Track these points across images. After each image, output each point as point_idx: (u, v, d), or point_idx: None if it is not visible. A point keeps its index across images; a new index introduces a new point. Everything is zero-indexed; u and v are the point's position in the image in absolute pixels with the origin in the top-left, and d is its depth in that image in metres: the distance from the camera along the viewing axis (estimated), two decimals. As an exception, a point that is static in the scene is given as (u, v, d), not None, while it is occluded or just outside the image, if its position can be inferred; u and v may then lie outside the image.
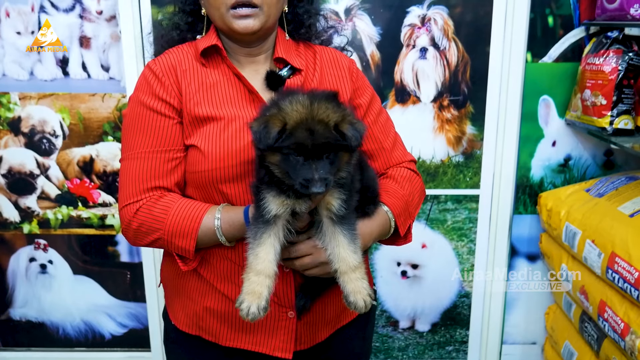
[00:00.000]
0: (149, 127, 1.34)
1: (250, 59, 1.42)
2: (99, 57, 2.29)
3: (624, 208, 1.91)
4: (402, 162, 1.53)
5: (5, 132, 2.36)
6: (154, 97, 1.34)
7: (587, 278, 2.00)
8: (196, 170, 1.33)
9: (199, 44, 1.39)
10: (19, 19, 2.22)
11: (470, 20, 2.20)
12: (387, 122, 1.54)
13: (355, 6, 2.19)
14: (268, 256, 1.18)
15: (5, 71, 2.29)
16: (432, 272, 2.47)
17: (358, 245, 1.23)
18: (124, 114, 1.40)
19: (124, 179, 1.36)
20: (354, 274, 1.20)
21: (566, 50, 2.23)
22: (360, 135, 1.14)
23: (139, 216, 1.32)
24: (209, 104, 1.35)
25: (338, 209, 1.20)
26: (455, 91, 2.28)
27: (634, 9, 1.90)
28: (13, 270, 2.52)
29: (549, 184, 2.37)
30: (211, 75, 1.38)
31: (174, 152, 1.35)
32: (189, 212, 1.31)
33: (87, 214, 2.44)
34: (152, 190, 1.34)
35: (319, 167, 1.11)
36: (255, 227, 1.20)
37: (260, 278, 1.17)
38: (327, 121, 1.11)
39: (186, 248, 1.31)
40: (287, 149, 1.11)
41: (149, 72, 1.37)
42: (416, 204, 1.50)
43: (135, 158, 1.34)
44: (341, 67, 1.48)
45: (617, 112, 2.02)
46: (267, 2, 1.33)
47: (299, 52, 1.46)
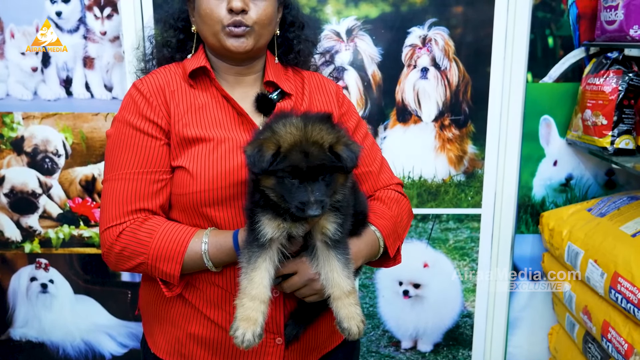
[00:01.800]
0: (135, 148, 1.31)
1: (239, 79, 1.42)
2: (102, 77, 2.30)
3: (626, 228, 1.91)
4: (389, 184, 1.53)
5: (8, 151, 2.37)
6: (141, 117, 1.32)
7: (590, 298, 1.99)
8: (183, 192, 1.31)
9: (187, 64, 1.39)
10: (23, 40, 2.25)
11: (471, 41, 2.22)
12: (373, 146, 1.54)
13: (356, 27, 2.21)
14: (263, 281, 1.16)
15: (9, 91, 2.30)
16: (434, 291, 2.46)
17: (351, 270, 1.22)
18: (108, 134, 1.37)
19: (107, 201, 1.32)
20: (347, 299, 1.19)
21: (566, 71, 2.24)
22: (355, 156, 1.13)
23: (122, 239, 1.28)
24: (198, 126, 1.33)
25: (333, 233, 1.19)
26: (457, 111, 2.29)
27: (633, 30, 1.92)
28: (14, 289, 2.51)
29: (550, 203, 2.36)
30: (200, 96, 1.37)
31: (160, 174, 1.32)
32: (174, 236, 1.27)
33: (89, 233, 2.44)
34: (136, 213, 1.30)
35: (314, 189, 1.09)
36: (249, 251, 1.17)
37: (255, 304, 1.14)
38: (322, 143, 1.10)
39: (171, 273, 1.27)
40: (281, 172, 1.10)
41: (135, 91, 1.35)
42: (404, 225, 1.50)
43: (120, 179, 1.31)
44: (329, 93, 1.49)
45: (618, 132, 2.02)
46: (259, 23, 1.34)
47: (288, 77, 1.46)
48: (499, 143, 2.30)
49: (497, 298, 2.43)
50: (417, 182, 2.35)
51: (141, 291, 1.52)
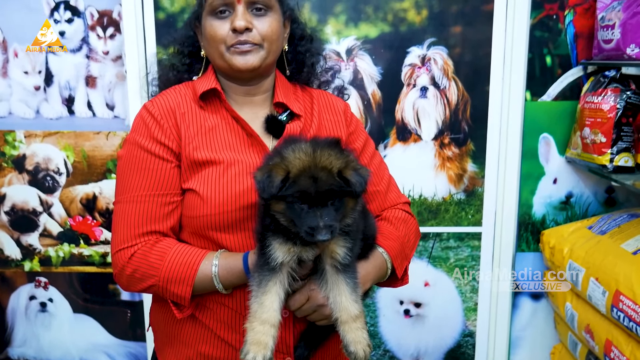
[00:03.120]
0: (146, 170, 1.31)
1: (248, 100, 1.42)
2: (105, 96, 2.32)
3: (627, 245, 1.90)
4: (397, 204, 1.52)
5: (9, 169, 2.38)
6: (152, 140, 1.32)
7: (592, 316, 1.97)
8: (194, 215, 1.31)
9: (197, 85, 1.38)
10: (26, 59, 2.27)
11: (470, 60, 2.24)
12: (380, 164, 1.54)
13: (356, 47, 2.24)
14: (273, 305, 1.16)
15: (11, 109, 2.32)
16: (435, 310, 2.44)
17: (359, 294, 1.22)
18: (119, 155, 1.37)
19: (118, 223, 1.32)
20: (354, 323, 1.18)
21: (565, 89, 2.26)
22: (364, 181, 1.13)
23: (134, 262, 1.28)
24: (208, 148, 1.32)
25: (343, 258, 1.19)
26: (456, 129, 2.30)
27: (630, 49, 1.94)
28: (13, 308, 2.50)
29: (551, 221, 2.36)
30: (210, 118, 1.37)
31: (171, 196, 1.32)
32: (185, 259, 1.27)
33: (89, 252, 2.43)
34: (147, 235, 1.30)
35: (323, 214, 1.10)
36: (259, 274, 1.18)
37: (265, 327, 1.14)
38: (330, 168, 1.10)
39: (182, 295, 1.27)
40: (291, 197, 1.10)
41: (146, 113, 1.34)
42: (412, 245, 1.49)
43: (131, 201, 1.31)
44: (337, 112, 1.49)
45: (617, 149, 2.03)
46: (268, 39, 1.34)
47: (297, 97, 1.46)
48: (499, 161, 2.30)
49: (499, 317, 2.42)
50: (418, 200, 2.35)
51: (152, 310, 1.51)
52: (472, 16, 2.20)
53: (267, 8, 1.35)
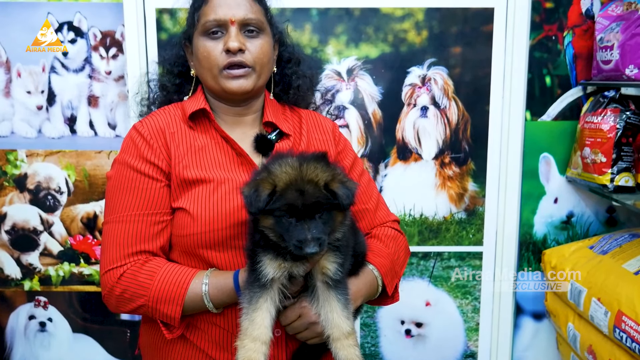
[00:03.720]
0: (136, 190, 1.31)
1: (238, 120, 1.43)
2: (106, 115, 2.33)
3: (629, 265, 1.90)
4: (386, 221, 1.53)
5: (10, 188, 2.38)
6: (142, 160, 1.32)
7: (595, 337, 1.96)
8: (184, 233, 1.31)
9: (186, 106, 1.39)
10: (29, 79, 2.29)
11: (470, 80, 2.25)
12: (369, 183, 1.55)
13: (357, 67, 2.25)
14: (264, 322, 1.16)
15: (14, 129, 2.33)
16: (436, 330, 2.43)
17: (351, 310, 1.21)
18: (109, 176, 1.37)
19: (107, 243, 1.31)
20: (346, 340, 1.18)
21: (564, 109, 2.27)
22: (351, 194, 1.14)
23: (123, 282, 1.28)
24: (198, 167, 1.33)
25: (334, 273, 1.19)
26: (457, 149, 2.31)
27: (629, 70, 1.95)
28: (12, 328, 2.49)
29: (552, 241, 2.36)
30: (199, 138, 1.38)
31: (160, 216, 1.32)
32: (175, 278, 1.27)
33: (89, 271, 2.43)
34: (137, 255, 1.30)
35: (311, 227, 1.10)
36: (250, 291, 1.17)
37: (256, 345, 1.14)
38: (317, 181, 1.11)
39: (171, 315, 1.26)
40: (278, 211, 1.11)
41: (136, 134, 1.35)
42: (402, 262, 1.50)
43: (120, 221, 1.31)
44: (325, 132, 1.50)
45: (617, 169, 2.03)
46: (259, 62, 1.36)
47: (286, 117, 1.47)
48: (499, 181, 2.31)
49: (501, 337, 2.40)
50: (418, 219, 2.35)
51: (141, 331, 1.50)
52: (471, 37, 2.22)
53: (259, 30, 1.37)
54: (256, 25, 1.36)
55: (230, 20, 1.33)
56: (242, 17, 1.34)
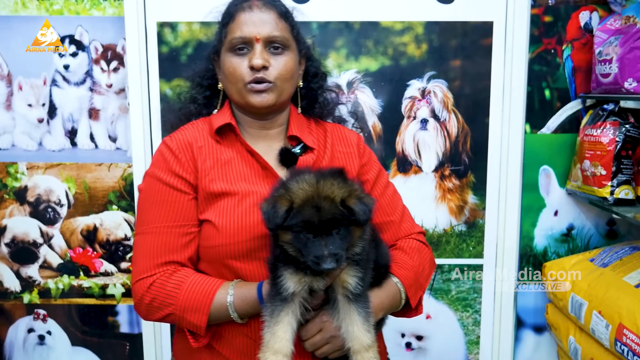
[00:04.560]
0: (165, 203, 1.36)
1: (263, 133, 1.46)
2: (107, 128, 2.34)
3: (630, 278, 1.90)
4: (411, 233, 1.54)
5: (11, 201, 2.38)
6: (170, 173, 1.36)
7: (596, 350, 1.95)
8: (210, 244, 1.34)
9: (214, 120, 1.43)
10: (30, 92, 2.30)
11: (469, 93, 2.26)
12: (394, 195, 1.56)
13: (357, 79, 2.26)
14: (286, 335, 1.17)
15: (14, 142, 2.34)
16: (437, 343, 2.42)
17: (372, 323, 1.22)
18: (140, 188, 1.42)
19: (139, 253, 1.36)
20: (367, 353, 1.18)
21: (564, 122, 2.28)
22: (368, 210, 1.15)
23: (152, 291, 1.32)
24: (223, 180, 1.37)
25: (354, 287, 1.20)
26: (456, 161, 2.31)
27: (627, 83, 1.96)
28: (11, 341, 2.48)
29: (552, 253, 2.36)
30: (225, 152, 1.41)
31: (189, 227, 1.36)
32: (201, 288, 1.30)
33: (89, 284, 2.42)
34: (166, 265, 1.34)
35: (328, 243, 1.11)
36: (271, 304, 1.19)
37: (278, 357, 1.15)
38: (333, 197, 1.13)
39: (197, 324, 1.30)
40: (296, 227, 1.13)
41: (165, 148, 1.40)
42: (426, 275, 1.50)
43: (150, 232, 1.35)
44: (350, 144, 1.52)
45: (617, 182, 2.04)
46: (282, 78, 1.38)
47: (311, 130, 1.50)
48: (500, 193, 2.31)
49: (502, 350, 2.39)
50: (419, 232, 2.35)
51: (175, 339, 1.53)
52: (471, 50, 2.24)
53: (284, 47, 1.40)
54: (281, 43, 1.39)
55: (256, 38, 1.36)
56: (267, 34, 1.37)
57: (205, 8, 2.20)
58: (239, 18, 1.39)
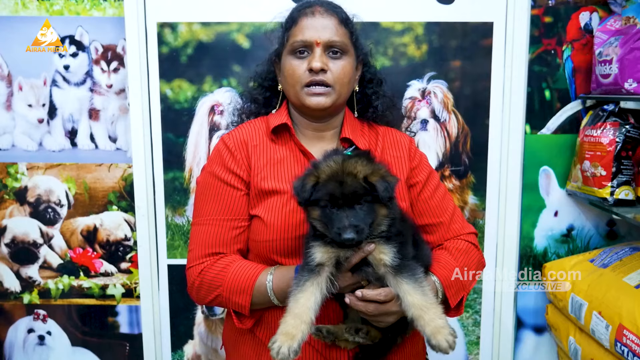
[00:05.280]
0: (218, 197, 1.45)
1: (318, 135, 1.52)
2: (107, 128, 2.34)
3: (629, 279, 1.90)
4: (461, 234, 1.58)
5: (11, 201, 2.38)
6: (225, 170, 1.45)
7: (596, 351, 1.95)
8: (258, 239, 1.43)
9: (271, 120, 1.50)
10: (30, 92, 2.30)
11: (469, 93, 2.26)
12: (444, 196, 1.61)
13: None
14: (307, 302, 1.22)
15: (14, 142, 2.34)
16: (437, 344, 2.42)
17: (426, 287, 1.24)
18: (198, 181, 1.52)
19: (193, 242, 1.47)
20: (427, 315, 1.20)
21: (564, 123, 2.27)
22: (390, 187, 1.21)
23: (203, 276, 1.41)
24: (275, 179, 1.44)
25: (392, 261, 1.24)
26: (456, 162, 2.31)
27: (627, 84, 1.96)
28: (10, 341, 2.48)
29: (552, 254, 2.36)
30: (279, 151, 1.48)
31: (239, 221, 1.45)
32: (246, 271, 1.39)
33: (89, 284, 2.42)
34: (216, 255, 1.43)
35: (350, 215, 1.19)
36: (300, 275, 1.26)
37: (296, 321, 1.20)
38: (356, 173, 1.20)
39: (242, 304, 1.38)
40: (322, 201, 1.20)
41: (222, 145, 1.48)
42: (472, 276, 1.53)
43: (204, 224, 1.45)
44: (401, 148, 1.58)
45: (617, 182, 2.04)
46: (339, 82, 1.45)
47: (364, 133, 1.56)
48: (499, 194, 2.31)
49: (502, 351, 2.39)
50: (419, 232, 2.35)
51: (224, 328, 1.63)
52: (471, 51, 2.24)
53: (342, 52, 1.47)
54: (340, 48, 1.46)
55: (316, 42, 1.43)
56: (327, 39, 1.44)
57: (205, 9, 2.21)
58: (302, 23, 1.46)
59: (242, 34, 2.20)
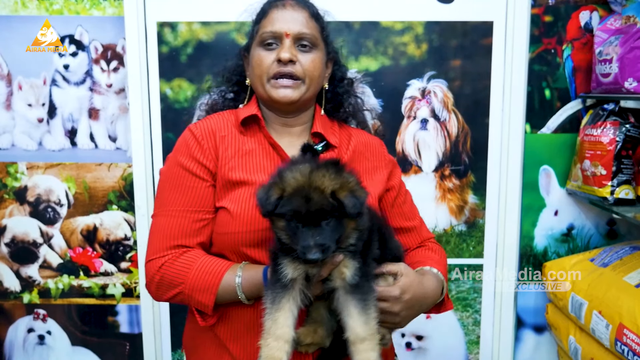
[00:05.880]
0: (183, 187, 1.40)
1: (287, 129, 1.49)
2: (107, 128, 2.34)
3: (630, 278, 1.90)
4: (430, 238, 1.61)
5: (10, 201, 2.38)
6: (191, 159, 1.40)
7: (596, 350, 1.95)
8: (224, 231, 1.38)
9: (240, 112, 1.47)
10: (30, 92, 2.29)
11: (469, 93, 2.26)
12: (412, 200, 1.63)
13: (357, 79, 2.25)
14: (287, 321, 1.18)
15: (14, 141, 2.34)
16: (437, 343, 2.42)
17: (371, 315, 1.20)
18: (161, 171, 1.46)
19: (153, 234, 1.41)
20: (361, 345, 1.17)
21: (564, 122, 2.27)
22: (359, 203, 1.14)
23: (163, 271, 1.36)
24: (243, 170, 1.40)
25: (350, 278, 1.20)
26: (457, 161, 2.31)
27: (628, 83, 1.96)
28: (10, 341, 2.47)
29: (552, 253, 2.35)
30: (248, 142, 1.45)
31: (203, 213, 1.40)
32: (210, 268, 1.34)
33: (88, 284, 2.42)
34: (178, 248, 1.38)
35: (316, 233, 1.12)
36: (272, 291, 1.20)
37: (279, 343, 1.16)
38: (323, 188, 1.12)
39: (205, 303, 1.33)
40: (286, 215, 1.14)
41: (189, 134, 1.44)
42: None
43: (166, 215, 1.40)
44: (376, 152, 1.56)
45: (617, 182, 2.03)
46: (309, 75, 1.42)
47: (334, 131, 1.53)
48: (499, 193, 2.31)
49: (502, 350, 2.39)
50: (419, 232, 2.35)
51: (185, 329, 1.57)
52: (471, 50, 2.23)
53: (312, 45, 1.44)
54: (310, 41, 1.43)
55: (285, 34, 1.41)
56: (297, 31, 1.41)
57: (205, 8, 2.21)
58: (272, 14, 1.43)
59: (242, 34, 2.20)
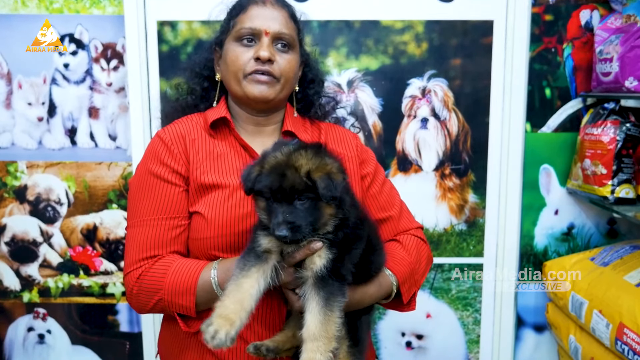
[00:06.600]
0: (155, 195, 1.36)
1: (258, 129, 1.47)
2: (107, 126, 2.34)
3: (630, 277, 1.89)
4: (410, 229, 1.55)
5: (10, 200, 2.38)
6: (162, 165, 1.37)
7: (597, 349, 1.95)
8: (198, 237, 1.35)
9: (209, 115, 1.44)
10: (30, 91, 2.29)
11: (470, 92, 2.26)
12: (391, 190, 1.57)
13: (357, 78, 2.26)
14: (251, 289, 1.12)
15: (14, 140, 2.33)
16: (437, 342, 2.42)
17: (332, 318, 1.13)
18: (130, 182, 1.42)
19: (129, 246, 1.37)
20: (311, 343, 1.10)
21: (564, 121, 2.27)
22: (334, 186, 1.11)
23: (140, 281, 1.32)
24: (215, 173, 1.37)
25: (319, 270, 1.15)
26: (457, 160, 2.31)
27: (628, 82, 1.96)
28: (10, 340, 2.47)
29: (553, 252, 2.35)
30: (219, 145, 1.42)
31: (179, 220, 1.36)
32: (186, 269, 1.30)
33: (88, 282, 2.42)
34: (155, 258, 1.34)
35: (287, 211, 1.10)
36: (244, 259, 1.16)
37: (236, 307, 1.09)
38: (298, 166, 1.12)
39: (186, 305, 1.30)
40: (264, 191, 1.13)
41: (158, 140, 1.40)
42: (422, 271, 1.51)
43: (140, 225, 1.36)
44: (348, 144, 1.53)
45: (617, 181, 2.03)
46: (285, 75, 1.40)
47: (306, 128, 1.51)
48: (500, 192, 2.31)
49: (502, 349, 2.39)
50: (419, 231, 2.35)
51: (159, 337, 1.53)
52: (471, 49, 2.23)
53: (290, 46, 1.42)
54: (288, 41, 1.42)
55: (265, 32, 1.38)
56: (277, 31, 1.40)
57: (205, 7, 2.20)
58: (251, 11, 1.41)
59: (242, 32, 2.20)
